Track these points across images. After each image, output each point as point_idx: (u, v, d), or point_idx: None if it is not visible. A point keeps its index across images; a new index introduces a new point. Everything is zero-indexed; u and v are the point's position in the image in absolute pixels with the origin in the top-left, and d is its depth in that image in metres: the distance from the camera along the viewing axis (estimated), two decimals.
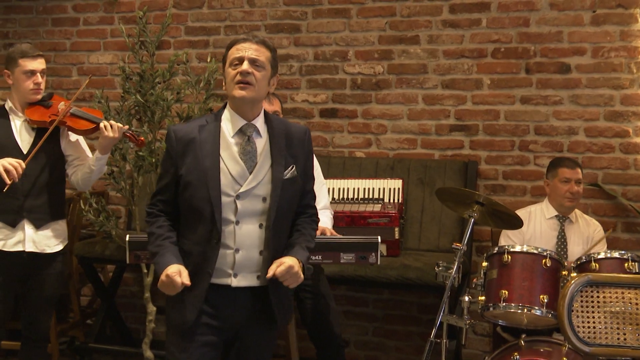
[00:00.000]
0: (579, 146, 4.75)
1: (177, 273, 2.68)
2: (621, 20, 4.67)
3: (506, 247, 3.63)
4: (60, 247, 3.91)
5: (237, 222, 2.76)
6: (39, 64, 3.82)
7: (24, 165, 3.63)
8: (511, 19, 4.88)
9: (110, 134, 3.82)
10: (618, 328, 2.65)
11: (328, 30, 5.25)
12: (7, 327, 3.97)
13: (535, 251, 3.57)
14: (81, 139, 4.01)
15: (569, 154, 4.72)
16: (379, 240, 3.39)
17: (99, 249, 4.91)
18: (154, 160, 4.60)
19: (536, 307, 3.45)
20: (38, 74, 3.81)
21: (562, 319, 2.67)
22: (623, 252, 3.61)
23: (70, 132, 3.92)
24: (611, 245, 4.49)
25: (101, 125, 3.82)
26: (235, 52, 2.80)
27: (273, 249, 2.79)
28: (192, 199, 2.76)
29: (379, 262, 3.38)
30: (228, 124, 2.83)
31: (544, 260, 3.51)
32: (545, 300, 3.45)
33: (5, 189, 3.58)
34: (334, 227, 4.36)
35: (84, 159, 3.95)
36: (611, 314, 2.66)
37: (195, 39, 5.54)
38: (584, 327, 2.68)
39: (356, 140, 5.22)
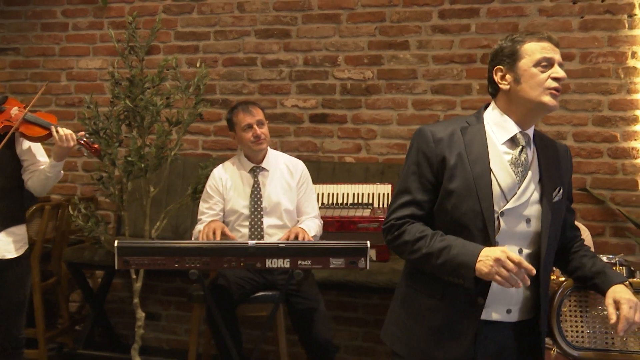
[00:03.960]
0: None
1: (508, 251, 2.27)
2: (609, 26, 4.69)
3: None
4: (20, 252, 3.82)
5: (497, 243, 2.37)
6: None
7: None
8: (500, 24, 4.90)
9: (65, 144, 3.75)
10: (606, 332, 2.66)
11: (318, 35, 5.25)
12: None
13: None
14: (36, 144, 3.94)
15: None
16: (369, 245, 3.38)
17: (87, 254, 4.89)
18: (143, 165, 4.60)
19: None
20: None
21: (550, 323, 2.68)
22: (611, 256, 3.60)
23: (22, 139, 3.86)
24: (599, 250, 4.51)
25: (53, 133, 3.76)
26: (542, 50, 2.42)
27: (543, 280, 2.42)
28: (455, 211, 2.40)
29: (368, 267, 3.37)
30: (496, 128, 2.48)
31: None
32: None
33: None
34: (324, 231, 4.38)
35: (39, 165, 3.88)
36: (600, 318, 2.66)
37: (185, 44, 5.54)
38: (572, 331, 2.68)
39: (346, 145, 5.22)
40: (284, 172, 4.24)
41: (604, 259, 3.57)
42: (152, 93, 4.64)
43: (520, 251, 2.43)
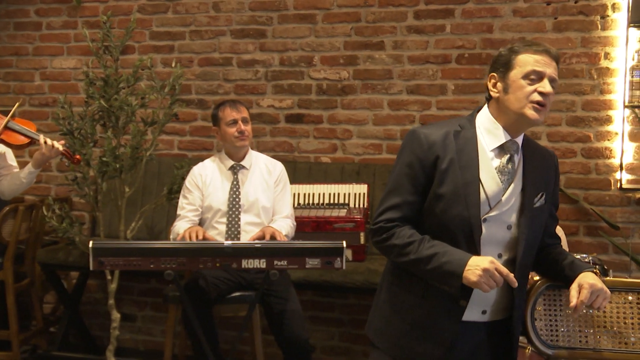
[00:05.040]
0: None
1: (495, 261, 2.34)
2: (582, 27, 4.74)
3: None
4: None
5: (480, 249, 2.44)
6: None
7: None
8: (475, 25, 4.92)
9: (48, 153, 3.78)
10: (580, 331, 2.68)
11: (294, 35, 5.25)
12: None
13: None
14: (9, 150, 3.94)
15: None
16: (345, 245, 3.39)
17: (62, 255, 4.85)
18: (118, 165, 4.57)
19: None
20: None
21: (525, 322, 2.70)
22: (584, 255, 3.65)
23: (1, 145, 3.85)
24: (573, 249, 4.55)
25: (41, 141, 3.78)
26: (534, 63, 2.41)
27: (518, 284, 2.43)
28: (443, 215, 2.43)
29: (344, 267, 3.38)
30: (487, 135, 2.50)
31: None
32: None
33: None
34: (300, 231, 4.38)
35: (10, 169, 3.88)
36: (573, 317, 2.69)
37: (160, 44, 5.51)
38: (546, 329, 2.70)
39: (322, 145, 5.22)
40: (263, 171, 4.26)
41: (578, 258, 3.62)
42: (127, 93, 4.61)
43: (499, 256, 2.48)
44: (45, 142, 3.76)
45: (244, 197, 4.16)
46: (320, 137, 5.23)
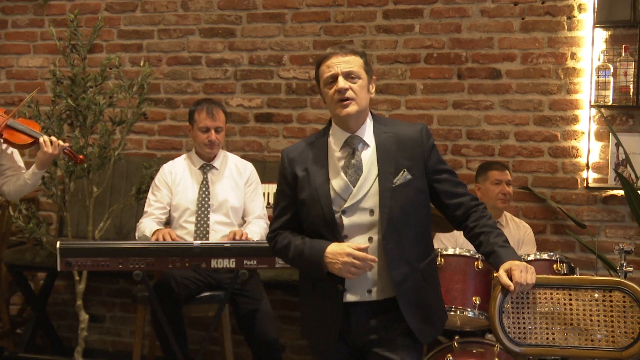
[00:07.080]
0: (510, 150, 4.85)
1: (352, 251, 2.61)
2: (549, 27, 4.78)
3: (439, 250, 3.66)
4: None
5: (345, 237, 2.69)
6: None
7: None
8: (443, 25, 4.95)
9: (50, 150, 3.76)
10: (547, 328, 2.71)
11: (263, 34, 5.24)
12: None
13: (467, 254, 3.61)
14: (15, 150, 3.93)
15: (500, 158, 4.81)
16: None
17: (29, 256, 4.80)
18: (85, 165, 4.53)
19: (469, 309, 3.50)
20: None
21: (493, 320, 2.72)
22: (552, 253, 3.69)
23: (5, 145, 3.83)
24: (540, 247, 4.60)
25: (41, 140, 3.77)
26: (326, 70, 2.73)
27: (390, 262, 2.66)
28: (307, 217, 2.75)
29: None
30: (334, 138, 2.78)
31: (476, 263, 3.56)
32: (478, 302, 3.50)
33: None
34: None
35: (17, 170, 3.87)
36: (540, 315, 2.72)
37: (128, 43, 5.47)
38: (514, 327, 2.73)
39: (291, 144, 5.21)
40: (233, 171, 4.25)
41: (545, 256, 3.66)
42: (95, 92, 4.58)
43: (370, 239, 2.69)
44: (45, 142, 3.73)
45: (213, 196, 4.15)
46: (290, 137, 5.22)
